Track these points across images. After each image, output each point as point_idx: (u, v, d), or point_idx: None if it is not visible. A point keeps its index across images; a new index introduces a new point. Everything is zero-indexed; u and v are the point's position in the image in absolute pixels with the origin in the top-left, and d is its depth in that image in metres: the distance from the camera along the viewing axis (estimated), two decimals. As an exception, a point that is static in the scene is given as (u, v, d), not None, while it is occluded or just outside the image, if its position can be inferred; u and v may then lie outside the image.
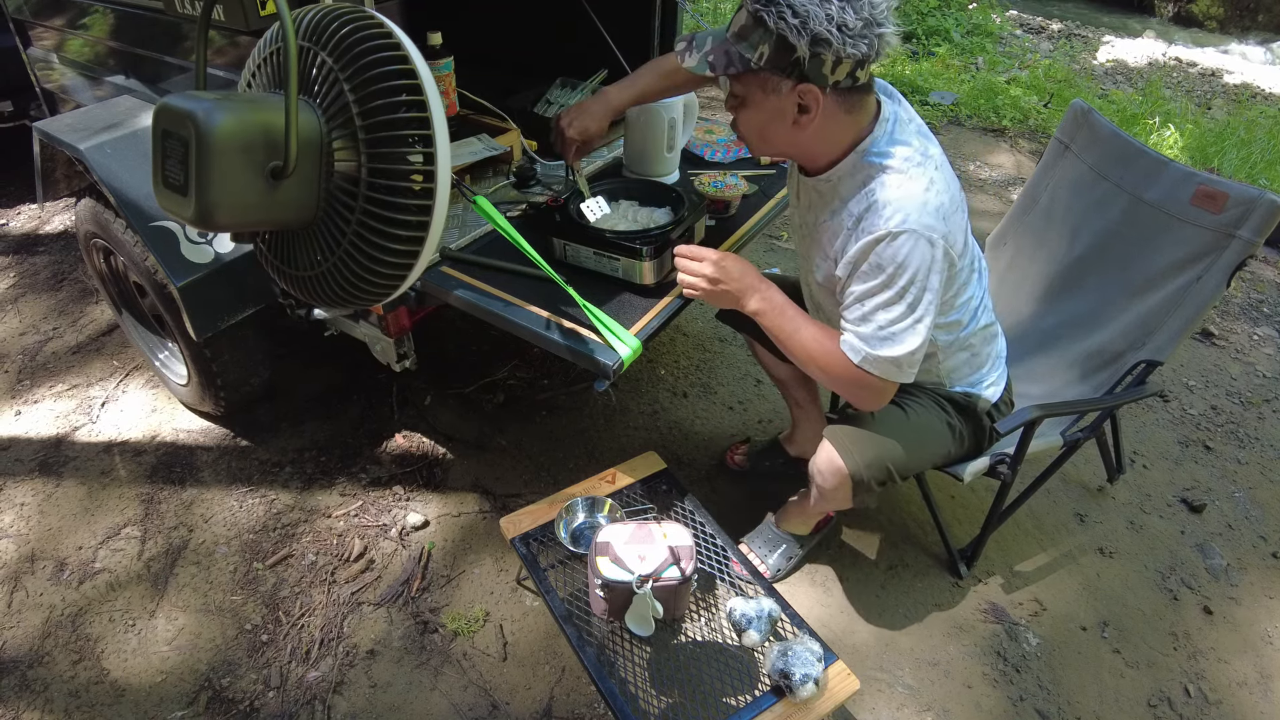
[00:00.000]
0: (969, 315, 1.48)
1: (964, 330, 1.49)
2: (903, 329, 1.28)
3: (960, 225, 1.32)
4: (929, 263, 1.25)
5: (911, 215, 1.23)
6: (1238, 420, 2.44)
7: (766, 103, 1.26)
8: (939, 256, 1.25)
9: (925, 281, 1.26)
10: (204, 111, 1.07)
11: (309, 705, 1.60)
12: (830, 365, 1.36)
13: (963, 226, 1.34)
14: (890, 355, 1.29)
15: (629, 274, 1.60)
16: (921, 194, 1.24)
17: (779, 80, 1.22)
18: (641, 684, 1.39)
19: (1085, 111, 1.94)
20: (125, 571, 1.87)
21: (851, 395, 1.39)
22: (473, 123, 2.07)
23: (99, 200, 1.96)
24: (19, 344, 2.60)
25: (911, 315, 1.27)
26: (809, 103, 1.23)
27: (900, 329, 1.28)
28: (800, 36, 1.15)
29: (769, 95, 1.24)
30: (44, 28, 2.33)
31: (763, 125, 1.30)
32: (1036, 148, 4.27)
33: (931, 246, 1.24)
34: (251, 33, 1.50)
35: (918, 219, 1.23)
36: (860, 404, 1.41)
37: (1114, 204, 1.87)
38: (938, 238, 1.24)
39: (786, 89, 1.22)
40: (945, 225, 1.25)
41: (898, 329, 1.28)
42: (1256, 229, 1.60)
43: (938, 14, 6.13)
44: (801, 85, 1.21)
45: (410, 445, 2.21)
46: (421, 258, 1.23)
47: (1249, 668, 1.75)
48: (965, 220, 1.36)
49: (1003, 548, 1.98)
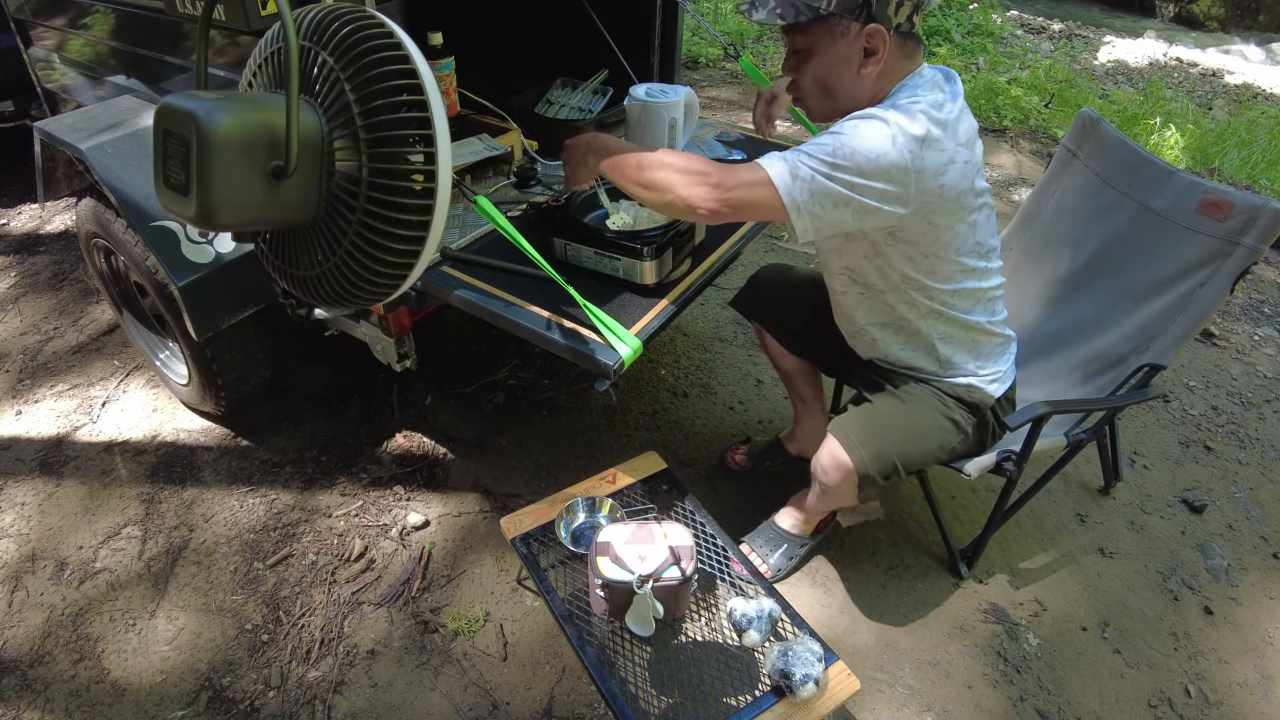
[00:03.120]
0: (973, 302, 1.47)
1: (966, 313, 1.48)
2: (814, 157, 1.22)
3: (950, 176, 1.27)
4: (883, 148, 1.20)
5: (887, 113, 1.22)
6: (1238, 421, 2.44)
7: (834, 49, 1.28)
8: (898, 158, 1.20)
9: (867, 161, 1.20)
10: (205, 111, 1.06)
11: (309, 705, 1.60)
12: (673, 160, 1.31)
13: (955, 184, 1.28)
14: (782, 164, 1.23)
15: (629, 274, 1.60)
16: (908, 119, 1.22)
17: (847, 23, 1.25)
18: (642, 684, 1.39)
19: (1093, 120, 1.96)
20: (126, 571, 1.87)
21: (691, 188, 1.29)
22: (473, 123, 2.07)
23: (100, 200, 1.96)
24: (20, 343, 2.60)
25: (829, 160, 1.21)
26: (876, 45, 1.26)
27: (813, 153, 1.22)
28: None
29: (837, 41, 1.27)
30: (45, 27, 2.34)
31: (828, 75, 1.31)
32: (1037, 148, 4.27)
33: (894, 144, 1.20)
34: (252, 33, 1.50)
35: (888, 113, 1.22)
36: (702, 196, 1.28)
37: (1120, 211, 1.88)
38: (904, 138, 1.20)
39: (854, 32, 1.25)
40: (921, 147, 1.22)
41: (809, 153, 1.23)
42: (1261, 236, 1.62)
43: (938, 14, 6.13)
44: (870, 26, 1.24)
45: (411, 445, 2.21)
46: (422, 257, 1.23)
47: (1249, 668, 1.75)
48: (967, 194, 1.31)
49: (1003, 548, 1.97)
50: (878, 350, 1.61)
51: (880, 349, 1.60)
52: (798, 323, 1.77)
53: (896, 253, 1.39)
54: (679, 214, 1.35)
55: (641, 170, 1.34)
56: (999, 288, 1.52)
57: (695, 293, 1.66)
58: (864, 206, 1.25)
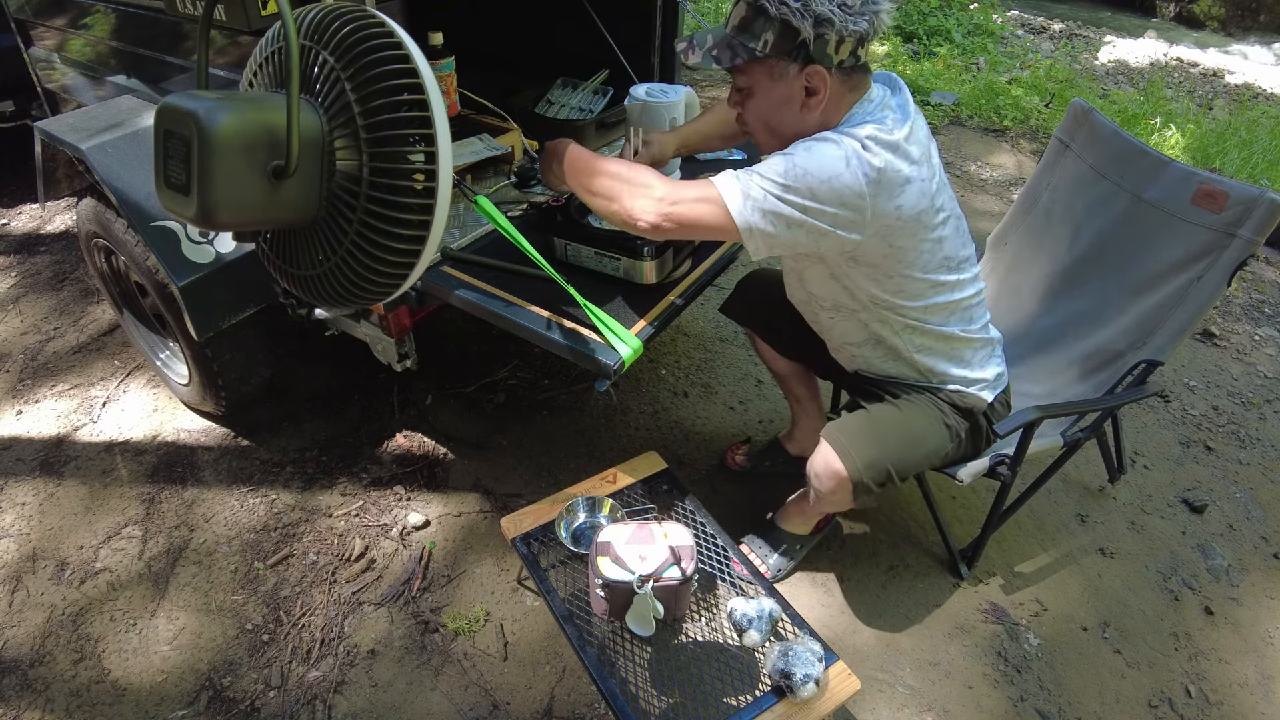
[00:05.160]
0: (947, 314, 1.46)
1: (941, 325, 1.47)
2: (765, 177, 1.21)
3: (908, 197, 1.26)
4: (835, 170, 1.19)
5: (841, 136, 1.22)
6: (1239, 421, 2.44)
7: (774, 90, 1.26)
8: (851, 181, 1.19)
9: (819, 183, 1.19)
10: (206, 111, 1.07)
11: (310, 705, 1.60)
12: (621, 170, 1.30)
13: (914, 204, 1.28)
14: (734, 183, 1.22)
15: (630, 274, 1.60)
16: (859, 143, 1.22)
17: (786, 65, 1.23)
18: (642, 684, 1.39)
19: (1086, 111, 1.94)
20: (126, 571, 1.87)
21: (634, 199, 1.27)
22: (474, 122, 2.07)
23: (100, 200, 1.96)
24: (20, 343, 2.60)
25: (780, 181, 1.20)
26: (816, 84, 1.24)
27: (764, 173, 1.22)
28: (804, 19, 1.17)
29: (776, 82, 1.25)
30: (46, 27, 2.34)
31: (771, 113, 1.30)
32: (1038, 148, 4.27)
33: (847, 165, 1.20)
34: (253, 32, 1.50)
35: (841, 137, 1.22)
36: (644, 209, 1.26)
37: (1115, 203, 1.87)
38: (857, 160, 1.20)
39: (794, 73, 1.23)
40: (875, 171, 1.21)
41: (760, 173, 1.22)
42: (1257, 228, 1.60)
43: (939, 14, 6.13)
44: (809, 68, 1.22)
45: (411, 445, 2.21)
46: (423, 257, 1.23)
47: (1250, 668, 1.75)
48: (927, 212, 1.31)
49: (1003, 548, 1.97)
50: (860, 364, 1.61)
51: (862, 362, 1.60)
52: (787, 327, 1.77)
53: (860, 274, 1.38)
54: (623, 225, 1.33)
55: (592, 177, 1.33)
56: (975, 296, 1.50)
57: (695, 293, 1.67)
58: (818, 229, 1.24)
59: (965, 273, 1.45)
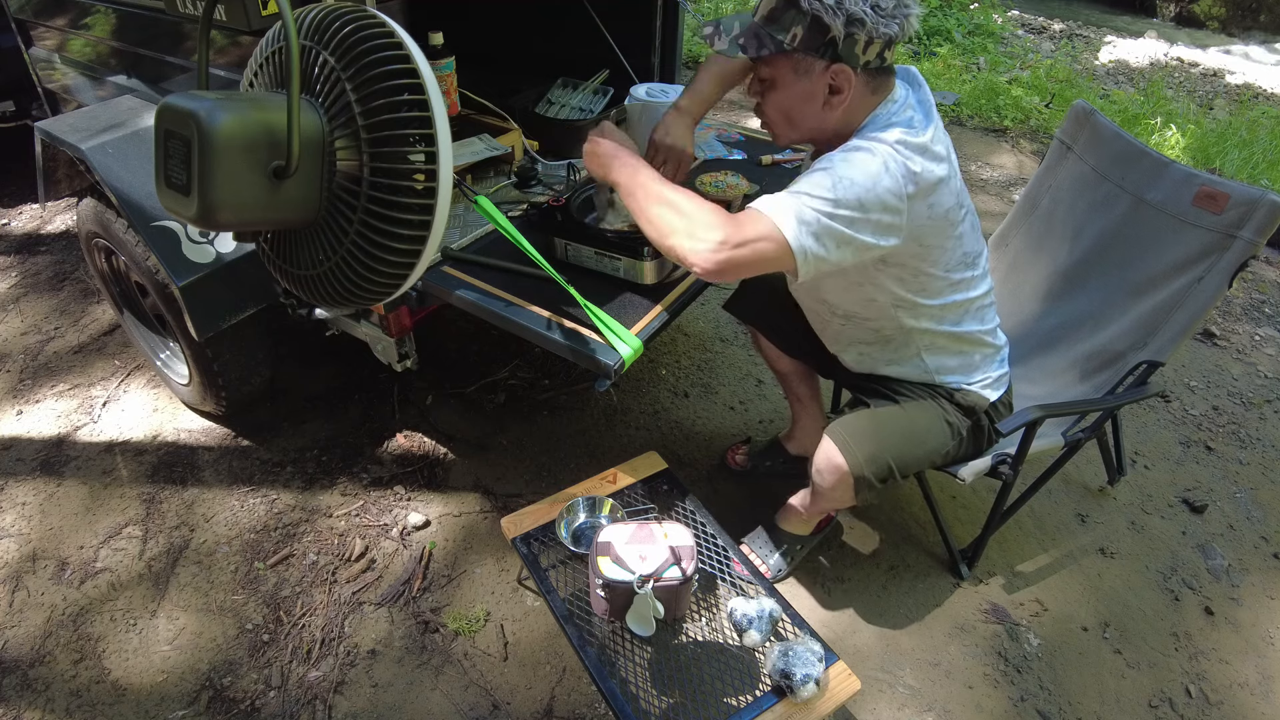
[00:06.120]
0: (962, 313, 1.47)
1: (955, 325, 1.48)
2: (814, 196, 1.19)
3: (940, 195, 1.27)
4: (877, 176, 1.19)
5: (872, 143, 1.21)
6: (1239, 421, 2.44)
7: (797, 85, 1.25)
8: (892, 184, 1.20)
9: (865, 190, 1.18)
10: (206, 111, 1.07)
11: (310, 705, 1.60)
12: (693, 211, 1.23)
13: (943, 201, 1.28)
14: (787, 212, 1.19)
15: (630, 274, 1.60)
16: (891, 148, 1.21)
17: (812, 61, 1.22)
18: (642, 684, 1.38)
19: (1087, 112, 1.94)
20: (126, 571, 1.87)
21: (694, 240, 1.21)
22: (474, 122, 2.07)
23: (101, 200, 1.97)
24: (21, 344, 2.61)
25: (829, 197, 1.19)
26: (841, 84, 1.23)
27: (812, 192, 1.20)
28: (835, 16, 1.16)
29: (800, 78, 1.25)
30: (46, 28, 2.34)
31: (791, 108, 1.29)
32: (1038, 148, 4.27)
33: (886, 170, 1.19)
34: (253, 32, 1.51)
35: (873, 143, 1.21)
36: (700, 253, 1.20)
37: (1116, 205, 1.87)
38: (895, 164, 1.20)
39: (819, 70, 1.23)
40: (912, 173, 1.21)
41: (808, 192, 1.20)
42: (1258, 229, 1.60)
43: (939, 14, 6.13)
44: (835, 66, 1.21)
45: (411, 445, 2.21)
46: (423, 257, 1.23)
47: (1250, 669, 1.75)
48: (953, 209, 1.31)
49: (1004, 548, 1.97)
50: (864, 366, 1.62)
51: (867, 365, 1.60)
52: (790, 326, 1.77)
53: (887, 275, 1.38)
54: (675, 260, 1.28)
55: (650, 203, 1.26)
56: (986, 295, 1.51)
57: (696, 292, 1.66)
58: (864, 245, 1.23)
59: (979, 269, 1.46)
